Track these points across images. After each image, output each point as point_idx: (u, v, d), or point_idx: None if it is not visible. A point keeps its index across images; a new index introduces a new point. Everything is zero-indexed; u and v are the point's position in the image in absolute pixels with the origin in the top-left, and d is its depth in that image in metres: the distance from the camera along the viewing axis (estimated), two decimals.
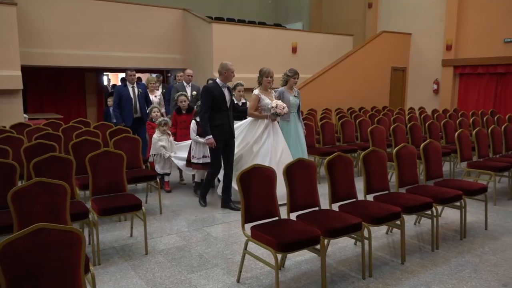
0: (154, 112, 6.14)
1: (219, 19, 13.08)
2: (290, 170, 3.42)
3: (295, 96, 5.78)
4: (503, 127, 6.42)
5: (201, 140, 5.21)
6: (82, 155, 4.09)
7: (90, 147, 4.60)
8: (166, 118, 5.79)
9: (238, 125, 5.44)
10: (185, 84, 7.17)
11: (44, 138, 5.02)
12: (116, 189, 4.02)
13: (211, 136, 4.90)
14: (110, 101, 9.16)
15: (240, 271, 3.29)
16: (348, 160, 3.83)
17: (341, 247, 3.95)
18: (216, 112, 4.94)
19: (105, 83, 13.90)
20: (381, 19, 13.91)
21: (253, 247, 3.61)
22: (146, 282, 3.26)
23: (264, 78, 5.36)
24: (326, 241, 3.47)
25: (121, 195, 3.99)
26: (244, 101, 6.08)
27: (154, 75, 8.63)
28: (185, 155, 5.63)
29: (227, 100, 5.01)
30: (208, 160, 5.29)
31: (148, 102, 6.95)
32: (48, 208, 2.90)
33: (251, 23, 14.01)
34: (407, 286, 3.20)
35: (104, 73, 13.53)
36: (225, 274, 3.40)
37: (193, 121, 5.45)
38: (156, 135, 5.66)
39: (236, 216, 4.76)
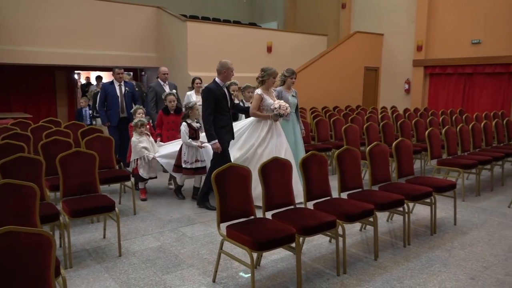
0: (139, 114, 5.55)
1: (193, 18, 12.97)
2: (265, 170, 3.43)
3: (293, 96, 5.73)
4: (470, 126, 6.64)
5: (195, 144, 5.05)
6: (52, 156, 3.98)
7: (61, 147, 4.47)
8: (142, 119, 5.38)
9: (236, 126, 5.33)
10: (161, 82, 6.92)
11: (12, 138, 4.84)
12: (88, 190, 3.93)
13: (216, 141, 4.70)
14: (83, 102, 8.85)
15: (216, 271, 3.28)
16: (323, 159, 3.87)
17: (316, 244, 4.00)
18: (219, 113, 4.77)
19: (83, 82, 13.54)
20: (354, 19, 14.13)
21: (229, 246, 3.61)
22: (120, 284, 3.20)
23: (272, 78, 5.27)
24: (301, 239, 3.51)
25: (93, 196, 3.91)
26: (237, 101, 5.92)
27: (126, 73, 8.41)
28: (170, 152, 5.29)
29: (228, 100, 4.90)
30: (200, 164, 5.15)
31: (135, 101, 6.76)
32: (17, 210, 2.81)
33: (226, 22, 13.96)
34: (380, 281, 3.27)
35: (76, 72, 13.19)
36: (200, 274, 3.38)
37: (184, 124, 5.13)
38: (134, 138, 5.28)
39: (211, 216, 4.74)
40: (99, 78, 11.26)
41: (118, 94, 6.61)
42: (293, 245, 3.11)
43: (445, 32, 11.76)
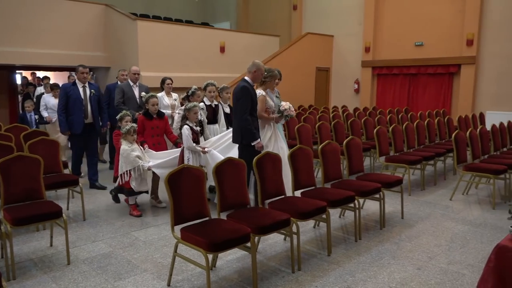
0: (126, 121, 4.85)
1: (144, 17, 12.68)
2: (220, 170, 3.42)
3: (277, 97, 5.67)
4: (415, 124, 6.99)
5: (199, 148, 4.78)
6: None
7: (2, 151, 4.22)
8: (134, 124, 4.74)
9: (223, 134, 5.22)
10: (131, 83, 6.25)
11: None
12: (32, 196, 3.72)
13: (259, 140, 4.49)
14: (29, 106, 7.84)
15: (171, 274, 3.23)
16: (277, 158, 3.92)
17: (272, 243, 4.04)
18: (251, 114, 4.51)
19: (20, 82, 12.70)
20: (306, 21, 14.44)
21: (184, 249, 3.57)
22: None
23: (277, 80, 5.20)
24: (256, 238, 3.53)
25: (38, 202, 3.71)
26: (216, 103, 5.63)
27: (73, 73, 7.99)
28: (166, 160, 4.80)
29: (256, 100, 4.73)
30: (204, 170, 4.86)
31: (101, 106, 6.01)
32: None
33: (178, 21, 13.76)
34: (333, 276, 3.35)
35: (17, 71, 12.46)
36: (155, 278, 3.31)
37: (186, 127, 4.74)
38: (125, 146, 4.62)
39: (165, 219, 4.65)
40: (46, 79, 10.66)
41: (83, 97, 5.72)
42: (249, 244, 3.12)
43: (391, 34, 12.30)
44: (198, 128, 4.94)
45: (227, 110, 5.72)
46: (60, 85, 6.73)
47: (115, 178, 4.88)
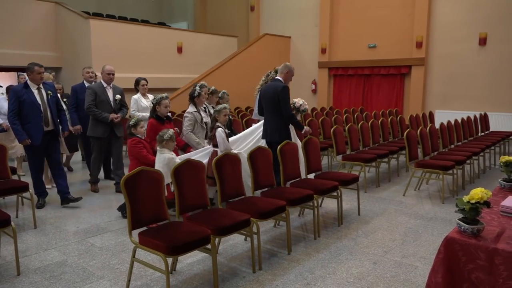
0: (142, 127, 4.58)
1: (97, 15, 12.28)
2: (178, 171, 3.37)
3: None
4: (370, 123, 7.22)
5: (235, 151, 4.59)
6: None
7: None
8: (170, 131, 4.34)
9: (252, 129, 5.27)
10: (104, 85, 5.62)
11: None
12: None
13: (305, 126, 5.07)
14: None
15: (129, 280, 3.14)
16: (236, 159, 3.92)
17: (232, 244, 4.03)
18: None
19: None
20: (263, 22, 14.55)
21: (143, 253, 3.49)
22: None
23: (291, 80, 5.31)
24: (216, 239, 3.51)
25: None
26: (204, 105, 5.42)
27: (23, 73, 7.50)
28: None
29: None
30: None
31: (58, 109, 5.17)
32: None
33: (134, 20, 13.45)
34: (294, 274, 3.40)
35: None
36: (112, 285, 3.21)
37: (221, 129, 4.54)
38: (168, 155, 4.19)
39: (122, 223, 4.53)
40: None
41: (39, 100, 4.87)
42: (209, 246, 3.10)
43: (346, 36, 12.65)
44: (227, 131, 4.82)
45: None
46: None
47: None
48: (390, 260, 3.67)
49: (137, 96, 6.17)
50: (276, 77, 5.12)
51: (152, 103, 4.89)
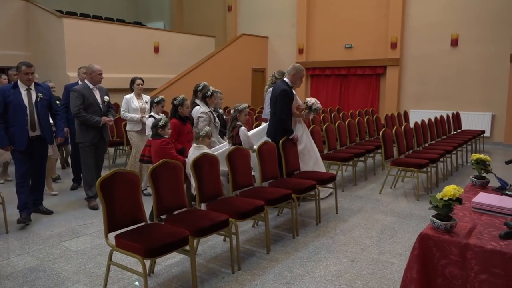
0: (169, 128, 4.46)
1: (71, 14, 12.01)
2: (155, 173, 3.33)
3: None
4: (347, 122, 7.31)
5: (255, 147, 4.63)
6: None
7: None
8: (206, 127, 4.42)
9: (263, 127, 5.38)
10: (91, 86, 5.14)
11: None
12: None
13: (294, 133, 5.04)
14: None
15: (106, 284, 3.09)
16: (214, 159, 3.90)
17: (211, 244, 4.02)
18: (287, 114, 5.01)
19: None
20: (241, 22, 14.55)
21: (120, 256, 3.43)
22: None
23: (302, 80, 5.35)
24: (195, 240, 3.49)
25: None
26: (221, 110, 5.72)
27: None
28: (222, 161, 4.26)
29: (294, 101, 5.17)
30: None
31: (53, 113, 4.84)
32: None
33: (109, 20, 13.22)
34: (273, 273, 3.41)
35: None
36: None
37: (243, 128, 4.65)
38: (205, 151, 4.12)
39: (98, 226, 4.44)
40: None
41: (26, 102, 4.47)
42: (187, 247, 3.07)
43: (323, 36, 12.78)
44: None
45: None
46: None
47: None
48: (367, 257, 3.72)
49: (129, 96, 5.88)
50: (284, 79, 5.20)
51: (173, 103, 4.80)
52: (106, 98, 5.24)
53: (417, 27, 11.16)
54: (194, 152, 4.24)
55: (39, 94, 4.57)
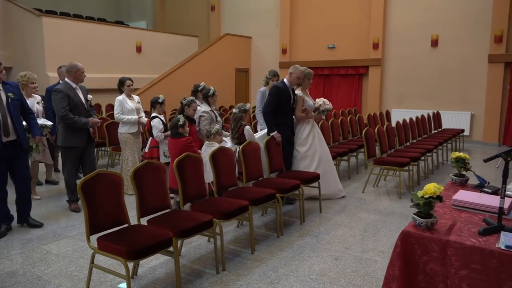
0: (188, 126, 4.58)
1: (50, 13, 11.79)
2: (138, 174, 3.29)
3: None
4: (330, 122, 7.37)
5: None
6: None
7: None
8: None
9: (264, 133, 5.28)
10: (73, 85, 4.86)
11: None
12: None
13: (276, 131, 4.97)
14: None
15: (88, 287, 3.04)
16: (198, 160, 3.88)
17: (196, 245, 3.99)
18: (279, 113, 5.08)
19: None
20: (224, 22, 14.52)
21: (102, 259, 3.39)
22: None
23: (307, 80, 5.53)
24: (179, 242, 3.46)
25: None
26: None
27: None
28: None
29: (291, 101, 5.23)
30: None
31: (26, 113, 4.40)
32: None
33: (90, 19, 13.02)
34: (257, 273, 3.41)
35: None
36: None
37: (248, 127, 4.85)
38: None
39: (80, 229, 4.37)
40: None
41: None
42: (171, 249, 3.05)
43: (306, 37, 12.86)
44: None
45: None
46: None
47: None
48: (350, 255, 3.76)
49: (121, 97, 5.68)
50: (284, 79, 5.30)
51: (181, 103, 5.00)
52: (89, 97, 5.04)
53: (398, 28, 11.32)
54: (206, 149, 4.44)
55: (9, 94, 4.10)
